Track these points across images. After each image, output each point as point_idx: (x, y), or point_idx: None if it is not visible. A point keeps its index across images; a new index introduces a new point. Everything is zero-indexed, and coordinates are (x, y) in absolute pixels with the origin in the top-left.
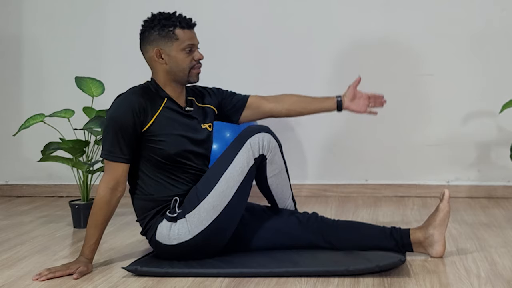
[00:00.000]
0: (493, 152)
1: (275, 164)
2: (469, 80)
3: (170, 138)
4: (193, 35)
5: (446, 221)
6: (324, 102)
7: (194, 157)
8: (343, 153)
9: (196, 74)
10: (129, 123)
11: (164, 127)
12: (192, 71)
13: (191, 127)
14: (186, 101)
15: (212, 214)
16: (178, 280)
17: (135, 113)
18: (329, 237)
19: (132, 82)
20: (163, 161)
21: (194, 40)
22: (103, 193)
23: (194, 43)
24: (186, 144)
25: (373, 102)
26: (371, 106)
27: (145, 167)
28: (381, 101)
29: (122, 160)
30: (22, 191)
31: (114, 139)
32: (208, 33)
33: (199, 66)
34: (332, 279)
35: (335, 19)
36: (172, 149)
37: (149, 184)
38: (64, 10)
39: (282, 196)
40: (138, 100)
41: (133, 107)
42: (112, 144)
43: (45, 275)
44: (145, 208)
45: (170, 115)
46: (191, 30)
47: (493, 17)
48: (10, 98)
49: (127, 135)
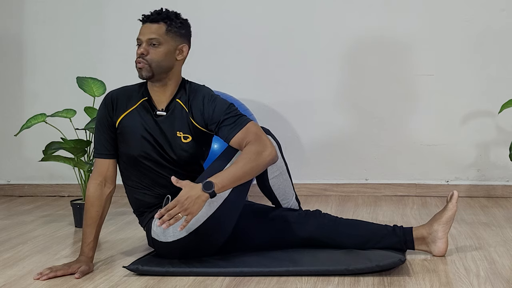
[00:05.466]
0: (492, 151)
1: (275, 165)
2: (469, 80)
3: (134, 138)
4: (145, 28)
5: (451, 222)
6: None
7: (158, 164)
8: (343, 153)
9: (137, 69)
10: (102, 116)
11: (131, 126)
12: (136, 66)
13: (158, 132)
14: (170, 103)
15: (207, 211)
16: (179, 279)
17: (108, 106)
18: (331, 233)
19: (132, 82)
20: (130, 161)
21: (142, 35)
22: (92, 189)
23: (140, 37)
24: (147, 148)
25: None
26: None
27: (122, 165)
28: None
29: (105, 156)
30: (24, 190)
31: (97, 135)
32: (209, 37)
33: (138, 61)
34: (332, 278)
35: (335, 20)
36: (133, 150)
37: (129, 183)
38: (65, 10)
39: (285, 197)
40: (113, 94)
41: (107, 100)
42: (96, 140)
43: (47, 274)
44: (134, 204)
45: (140, 115)
46: (146, 23)
47: (492, 17)
48: (11, 98)
49: (103, 129)
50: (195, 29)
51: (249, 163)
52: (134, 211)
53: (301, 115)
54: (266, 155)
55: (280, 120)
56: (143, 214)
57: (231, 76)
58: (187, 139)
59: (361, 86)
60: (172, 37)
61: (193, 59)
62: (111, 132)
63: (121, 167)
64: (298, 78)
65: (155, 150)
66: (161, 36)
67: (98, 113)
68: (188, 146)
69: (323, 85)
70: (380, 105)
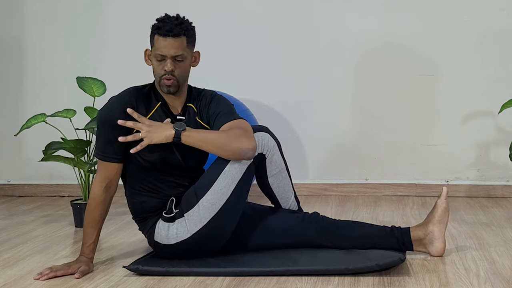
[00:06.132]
0: (492, 151)
1: (274, 164)
2: (469, 80)
3: (157, 143)
4: (169, 44)
5: (445, 219)
6: None
7: (173, 167)
8: (343, 153)
9: (165, 86)
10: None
11: None
12: (162, 81)
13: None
14: (184, 107)
15: (210, 212)
16: (179, 279)
17: (126, 114)
18: (330, 236)
19: (132, 82)
20: (145, 166)
21: (167, 50)
22: (98, 192)
23: (165, 53)
24: (169, 152)
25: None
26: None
27: (132, 169)
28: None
29: (114, 160)
30: (24, 190)
31: (107, 139)
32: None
33: (167, 78)
34: (332, 278)
35: (335, 20)
36: (155, 155)
37: (136, 187)
38: (65, 10)
39: (285, 195)
40: (131, 100)
41: (125, 107)
42: (105, 143)
43: (47, 274)
44: (137, 209)
45: (161, 120)
46: (169, 38)
47: (492, 17)
48: (11, 98)
49: (118, 135)
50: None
51: (224, 137)
52: (135, 216)
53: (301, 115)
54: (242, 141)
55: (280, 120)
56: (147, 219)
57: (231, 76)
58: None
59: (361, 86)
60: (190, 48)
61: None
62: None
63: (129, 171)
64: (298, 78)
65: (174, 154)
66: (184, 51)
67: (112, 119)
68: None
69: (323, 85)
70: (380, 105)
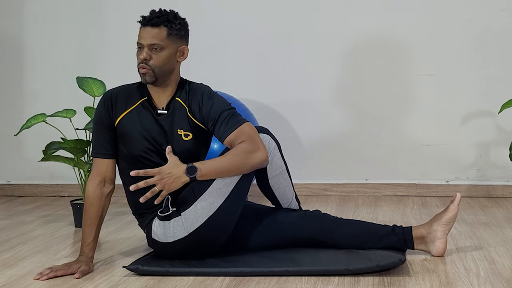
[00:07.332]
0: (492, 151)
1: (275, 165)
2: (469, 80)
3: (134, 138)
4: (146, 33)
5: (451, 223)
6: None
7: (158, 164)
8: (343, 153)
9: (141, 74)
10: (101, 115)
11: (131, 126)
12: (138, 70)
13: (158, 131)
14: (170, 102)
15: (208, 211)
16: (179, 279)
17: (107, 106)
18: (331, 233)
19: (132, 82)
20: (130, 161)
21: (144, 39)
22: (91, 189)
23: (142, 42)
24: (148, 147)
25: None
26: None
27: (122, 164)
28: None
29: (104, 156)
30: (24, 190)
31: (95, 135)
32: (209, 36)
33: (142, 67)
34: (332, 278)
35: (335, 20)
36: (134, 150)
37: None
38: (65, 10)
39: (285, 196)
40: (112, 94)
41: (106, 100)
42: (95, 140)
43: (47, 274)
44: (134, 205)
45: (140, 115)
46: (147, 27)
47: (492, 17)
48: (11, 98)
49: (102, 128)
50: (195, 29)
51: (237, 160)
52: (134, 212)
53: (301, 115)
54: (255, 156)
55: (280, 120)
56: (143, 216)
57: (231, 76)
58: (188, 137)
59: (361, 86)
60: (173, 40)
61: (193, 59)
62: (110, 132)
63: (120, 166)
64: (298, 78)
65: (155, 149)
66: (162, 41)
67: (96, 112)
68: (188, 144)
69: (323, 85)
70: (380, 105)
